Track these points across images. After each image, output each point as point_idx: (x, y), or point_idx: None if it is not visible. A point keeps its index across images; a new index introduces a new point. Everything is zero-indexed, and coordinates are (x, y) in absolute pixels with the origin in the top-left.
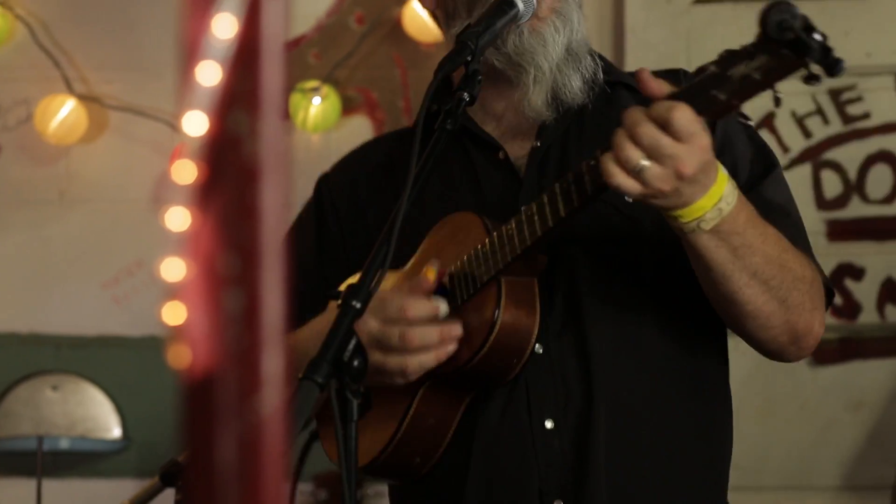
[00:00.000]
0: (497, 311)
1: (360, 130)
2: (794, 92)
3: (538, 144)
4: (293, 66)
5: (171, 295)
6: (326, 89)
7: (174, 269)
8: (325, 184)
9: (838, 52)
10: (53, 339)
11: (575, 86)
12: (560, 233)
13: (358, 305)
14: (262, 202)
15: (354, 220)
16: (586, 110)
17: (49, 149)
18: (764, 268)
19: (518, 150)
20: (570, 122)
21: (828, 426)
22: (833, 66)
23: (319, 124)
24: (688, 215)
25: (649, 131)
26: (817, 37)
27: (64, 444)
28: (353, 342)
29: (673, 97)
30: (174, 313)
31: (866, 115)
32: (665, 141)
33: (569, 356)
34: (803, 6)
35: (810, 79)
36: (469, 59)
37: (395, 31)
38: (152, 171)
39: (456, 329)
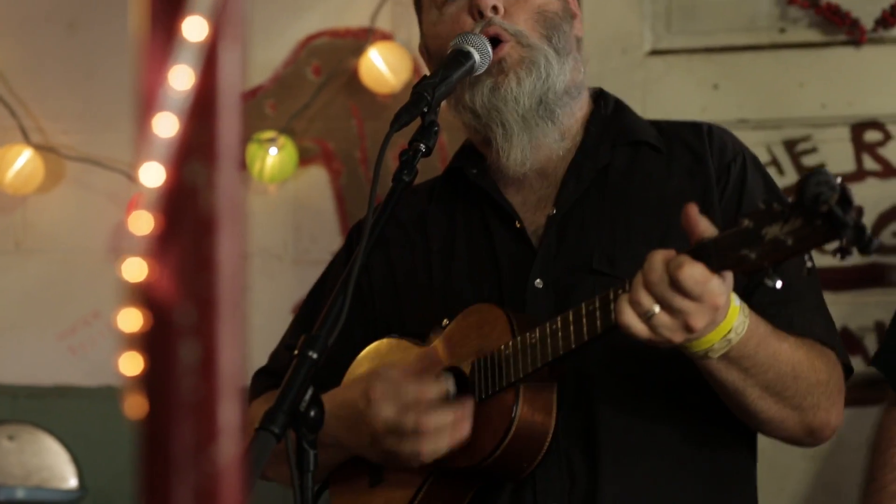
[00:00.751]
0: (513, 417)
1: (316, 181)
2: (748, 143)
3: (554, 212)
4: (250, 117)
5: (127, 345)
6: (283, 140)
7: (131, 319)
8: (357, 234)
9: (792, 103)
10: (9, 389)
11: (549, 138)
12: None
13: (314, 356)
14: (219, 253)
15: (384, 277)
16: (609, 169)
17: (5, 199)
18: (776, 382)
19: (536, 218)
20: (590, 184)
21: (785, 475)
22: (866, 246)
23: (276, 175)
24: (696, 346)
25: (662, 283)
26: (852, 214)
27: (20, 494)
28: (309, 392)
29: (699, 250)
30: (131, 364)
31: (821, 167)
32: (672, 295)
33: (576, 446)
34: (759, 56)
35: (842, 252)
36: (426, 110)
37: (352, 82)
38: (109, 222)
39: (468, 408)
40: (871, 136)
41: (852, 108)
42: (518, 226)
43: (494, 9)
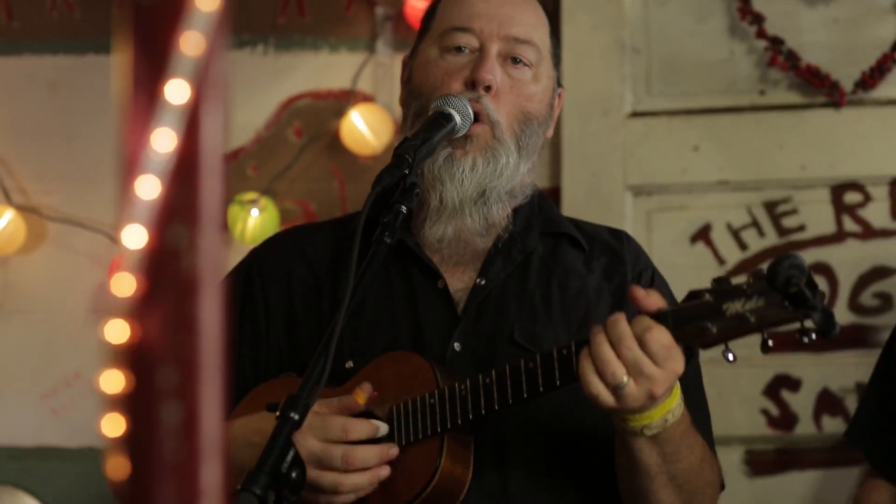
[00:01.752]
0: (437, 467)
1: None
2: (729, 205)
3: (481, 283)
4: (231, 178)
5: (109, 407)
6: (265, 201)
7: (113, 380)
8: (257, 265)
9: (772, 165)
10: None
11: (474, 230)
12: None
13: (296, 417)
14: (201, 315)
15: (284, 311)
16: (533, 256)
17: None
18: (683, 474)
19: (458, 282)
20: (516, 266)
21: None
22: (829, 329)
23: (258, 236)
24: (636, 421)
25: (633, 349)
26: (819, 298)
27: None
28: (291, 454)
29: (661, 317)
30: (113, 425)
31: (802, 228)
32: (646, 361)
33: (487, 501)
34: (739, 118)
35: (803, 333)
36: (407, 172)
37: (334, 143)
38: (91, 283)
39: (393, 451)
40: (852, 197)
41: (832, 170)
42: (441, 285)
43: (488, 87)
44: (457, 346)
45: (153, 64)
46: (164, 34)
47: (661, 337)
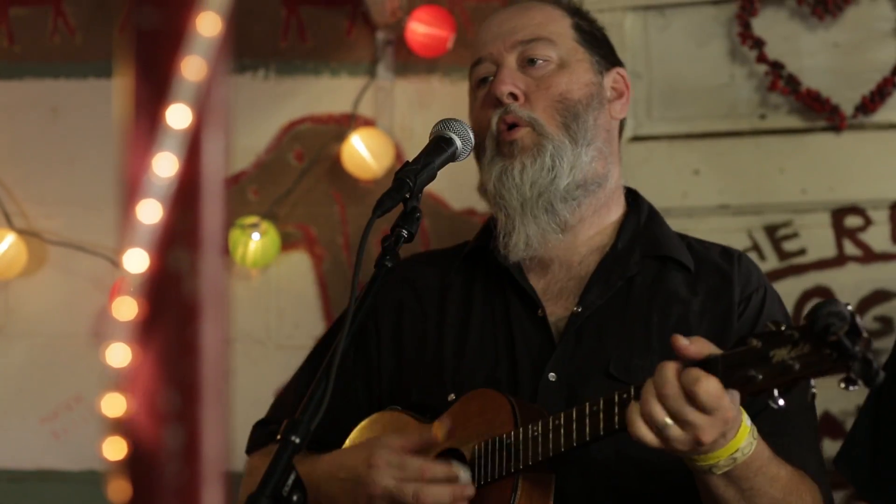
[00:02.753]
0: (512, 502)
1: (299, 266)
2: (730, 228)
3: (578, 310)
4: (232, 203)
5: (111, 430)
6: (266, 225)
7: (114, 404)
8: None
9: (773, 188)
10: None
11: (549, 232)
12: None
13: (297, 440)
14: (202, 339)
15: (393, 341)
16: (635, 280)
17: None
18: None
19: (559, 310)
20: (616, 291)
21: None
22: (872, 378)
23: (259, 260)
24: (702, 460)
25: (676, 397)
26: (860, 346)
27: None
28: (292, 477)
29: (710, 364)
30: (114, 448)
31: (802, 252)
32: (688, 409)
33: None
34: (740, 142)
35: (848, 382)
36: (408, 196)
37: (334, 167)
38: (92, 307)
39: (469, 490)
40: (852, 221)
41: (833, 194)
42: (540, 314)
43: (513, 96)
44: (552, 376)
45: (155, 88)
46: (166, 59)
47: (710, 387)
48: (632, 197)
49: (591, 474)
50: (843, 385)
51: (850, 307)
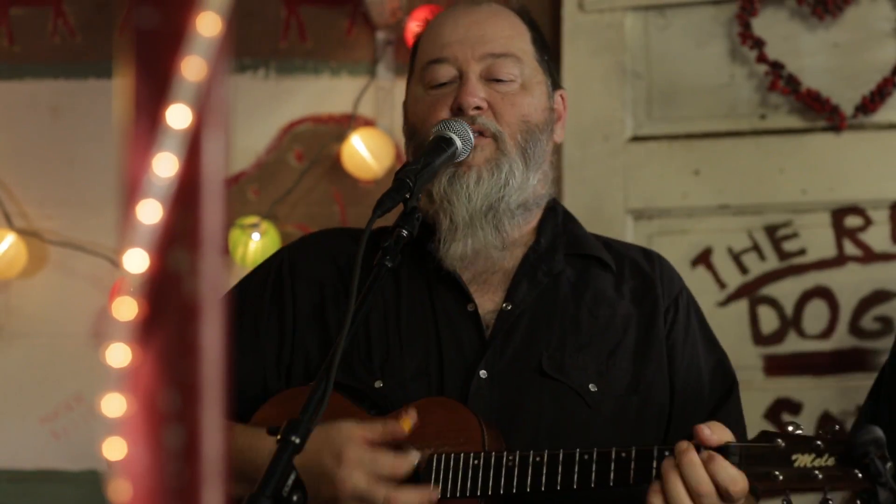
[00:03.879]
0: None
1: None
2: (730, 229)
3: (508, 307)
4: (232, 203)
5: (111, 430)
6: (266, 225)
7: (114, 404)
8: (289, 264)
9: (773, 189)
10: None
11: (490, 246)
12: None
13: (297, 441)
14: (202, 339)
15: (315, 317)
16: (561, 278)
17: None
18: None
19: (489, 303)
20: (543, 288)
21: None
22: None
23: (258, 260)
24: None
25: (711, 496)
26: (888, 474)
27: None
28: (292, 477)
29: (728, 451)
30: (114, 448)
31: (802, 252)
32: (714, 500)
33: None
34: (739, 142)
35: (868, 500)
36: (408, 196)
37: (335, 168)
38: (92, 307)
39: (434, 496)
40: (852, 221)
41: (833, 194)
42: (471, 309)
43: (478, 108)
44: (483, 373)
45: (155, 88)
46: (166, 59)
47: (745, 488)
48: (549, 202)
49: None
50: (858, 502)
51: (881, 436)
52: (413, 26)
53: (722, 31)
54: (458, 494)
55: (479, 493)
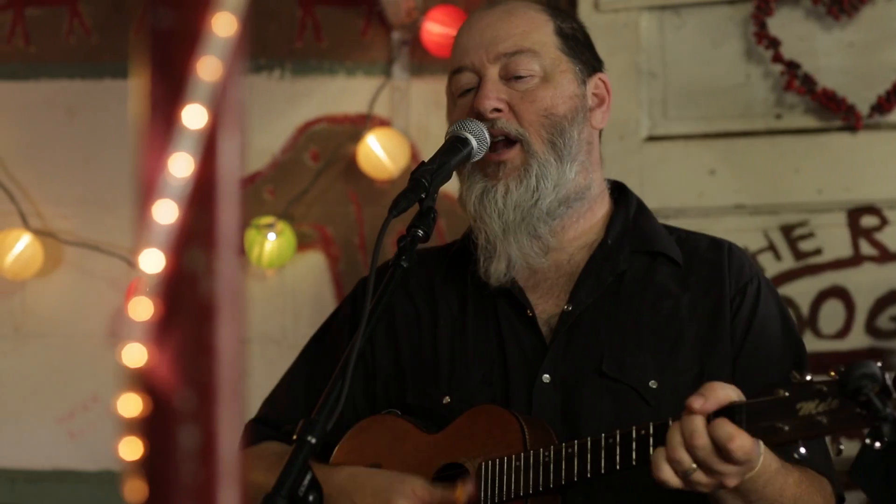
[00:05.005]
0: None
1: (315, 266)
2: (745, 228)
3: (569, 308)
4: (248, 203)
5: (127, 430)
6: (281, 225)
7: (131, 404)
8: (362, 296)
9: (788, 188)
10: (8, 474)
11: (530, 254)
12: None
13: (313, 441)
14: (219, 338)
15: (388, 339)
16: (625, 276)
17: (4, 283)
18: None
19: (548, 308)
20: (606, 287)
21: None
22: None
23: (274, 260)
24: None
25: (705, 449)
26: (891, 406)
27: None
28: (308, 478)
29: (734, 411)
30: (130, 448)
31: (818, 251)
32: (717, 461)
33: None
34: (755, 142)
35: (875, 437)
36: (423, 196)
37: (350, 168)
38: (108, 307)
39: None
40: (868, 221)
41: (849, 194)
42: (530, 314)
43: (498, 110)
44: (546, 378)
45: (170, 89)
46: (182, 59)
47: (744, 444)
48: (618, 191)
49: (595, 495)
50: (868, 441)
51: (880, 366)
52: (429, 26)
53: (737, 31)
54: (504, 498)
55: (521, 493)
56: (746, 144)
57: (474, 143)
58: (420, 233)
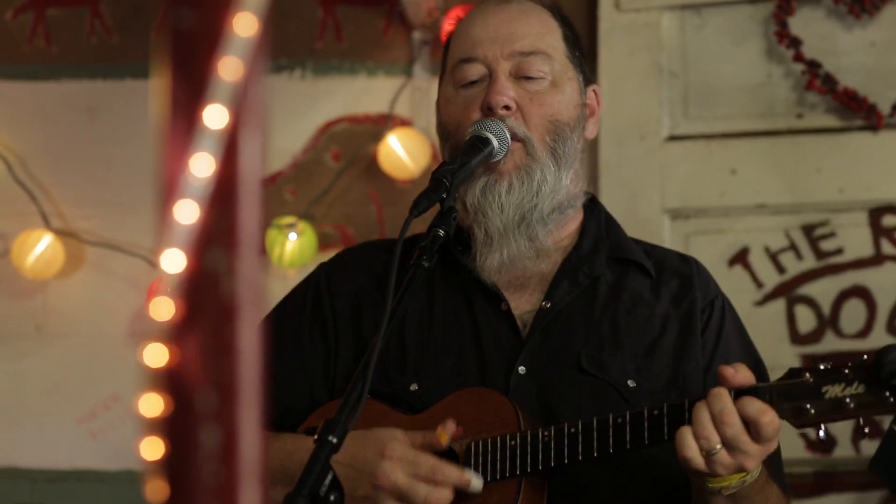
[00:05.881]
0: None
1: None
2: (767, 228)
3: (547, 306)
4: (269, 203)
5: (148, 430)
6: (303, 225)
7: (152, 404)
8: (326, 280)
9: (810, 188)
10: (29, 473)
11: (524, 255)
12: None
13: (334, 441)
14: (240, 338)
15: (352, 327)
16: (600, 281)
17: (26, 283)
18: None
19: (525, 304)
20: (582, 289)
21: None
22: None
23: (296, 260)
24: (716, 482)
25: (736, 425)
26: None
27: None
28: (329, 477)
29: (759, 392)
30: (152, 448)
31: (839, 251)
32: (745, 439)
33: None
34: (776, 141)
35: None
36: (444, 196)
37: (371, 167)
38: (129, 307)
39: (476, 482)
40: (890, 220)
41: (870, 193)
42: (504, 308)
43: (507, 107)
44: (521, 369)
45: (191, 89)
46: (203, 59)
47: (774, 420)
48: (589, 200)
49: (578, 484)
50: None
51: None
52: (449, 26)
53: (758, 31)
54: (497, 476)
55: (518, 472)
56: (768, 144)
57: (495, 142)
58: (441, 233)
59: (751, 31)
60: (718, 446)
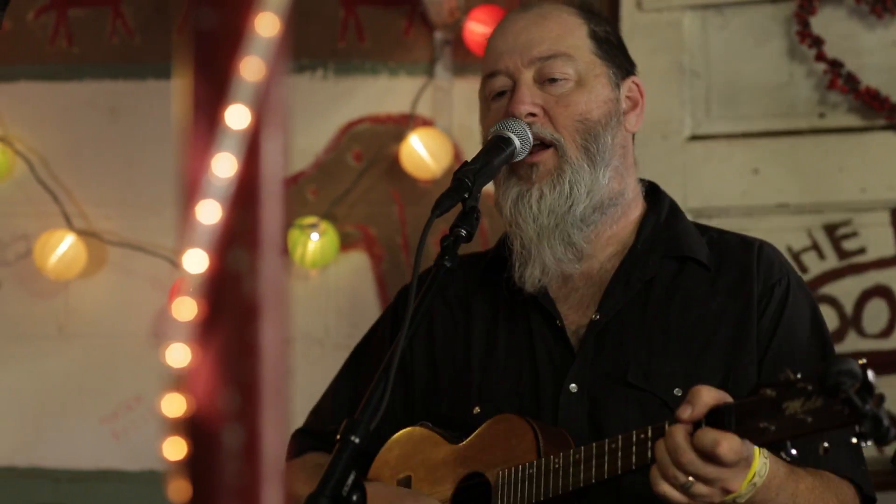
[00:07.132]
0: None
1: (358, 266)
2: (789, 227)
3: (597, 317)
4: (291, 203)
5: (171, 430)
6: (325, 225)
7: (174, 404)
8: (403, 304)
9: (832, 187)
10: (51, 473)
11: (564, 260)
12: None
13: (356, 440)
14: (262, 339)
15: (426, 354)
16: (654, 282)
17: (48, 283)
18: None
19: (577, 318)
20: (635, 294)
21: None
22: (882, 436)
23: (318, 260)
24: (727, 497)
25: (693, 462)
26: (871, 404)
27: None
28: (351, 477)
29: (723, 413)
30: (174, 448)
31: (862, 251)
32: (709, 469)
33: None
34: (799, 141)
35: (859, 437)
36: (466, 196)
37: (393, 167)
38: (151, 307)
39: None
40: None
41: (892, 192)
42: (559, 325)
43: (532, 115)
44: (573, 387)
45: (214, 89)
46: (225, 59)
47: (732, 445)
48: (651, 192)
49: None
50: (855, 440)
51: (862, 363)
52: (471, 26)
53: (780, 30)
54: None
55: (534, 501)
56: (790, 143)
57: (517, 142)
58: (463, 233)
59: (773, 30)
60: (690, 480)
